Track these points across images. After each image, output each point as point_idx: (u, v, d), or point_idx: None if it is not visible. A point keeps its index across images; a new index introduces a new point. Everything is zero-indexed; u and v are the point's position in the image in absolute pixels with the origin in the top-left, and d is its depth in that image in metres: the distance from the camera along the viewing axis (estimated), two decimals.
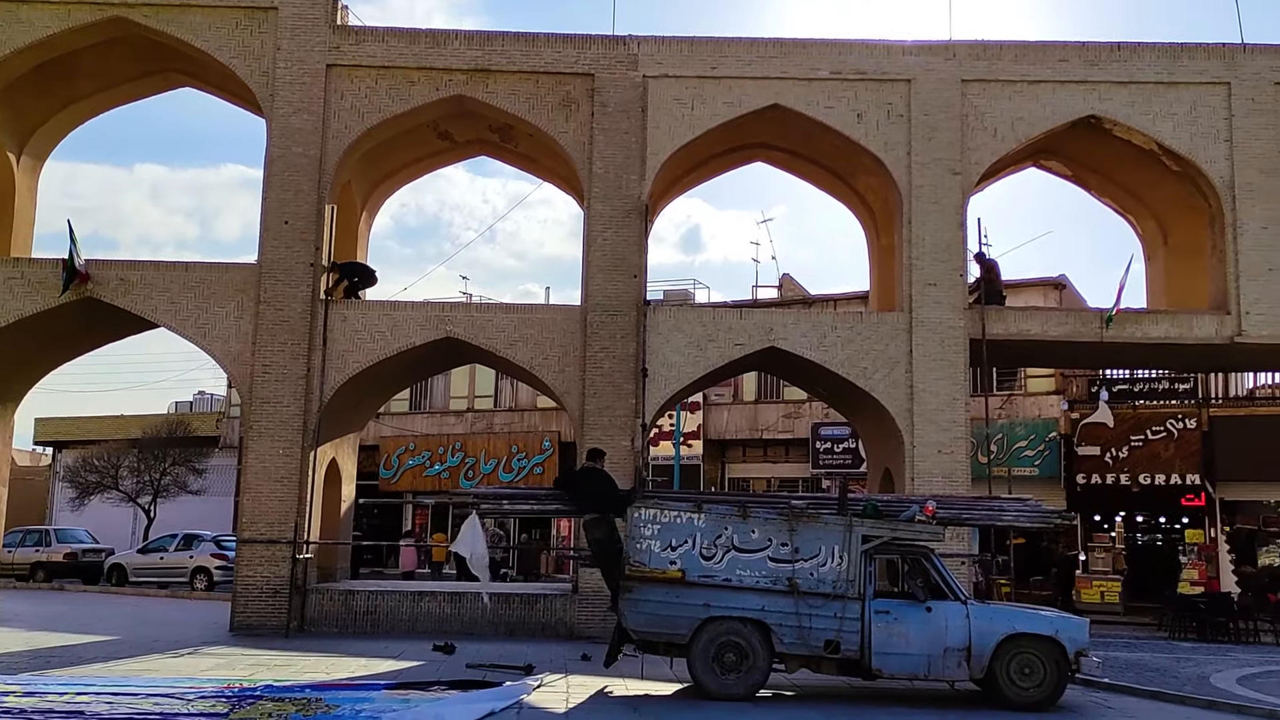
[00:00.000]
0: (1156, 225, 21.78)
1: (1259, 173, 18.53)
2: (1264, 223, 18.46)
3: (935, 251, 18.47)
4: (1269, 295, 18.39)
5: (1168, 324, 18.93)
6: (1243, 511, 27.45)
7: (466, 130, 20.48)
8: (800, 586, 11.64)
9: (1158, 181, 20.40)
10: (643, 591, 11.72)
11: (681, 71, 18.64)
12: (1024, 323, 19.07)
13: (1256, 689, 13.16)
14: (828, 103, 18.66)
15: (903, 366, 18.24)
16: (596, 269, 18.32)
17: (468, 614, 17.41)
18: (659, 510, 11.98)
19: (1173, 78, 18.78)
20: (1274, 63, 18.77)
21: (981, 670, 11.55)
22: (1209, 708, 11.94)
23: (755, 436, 32.42)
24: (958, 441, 18.04)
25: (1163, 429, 26.92)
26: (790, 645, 11.61)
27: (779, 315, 19.39)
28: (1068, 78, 18.77)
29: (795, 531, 11.84)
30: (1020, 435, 27.91)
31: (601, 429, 17.63)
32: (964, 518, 13.51)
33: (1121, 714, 11.54)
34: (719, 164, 21.23)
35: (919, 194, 18.54)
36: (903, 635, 11.60)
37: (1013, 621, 11.78)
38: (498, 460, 33.59)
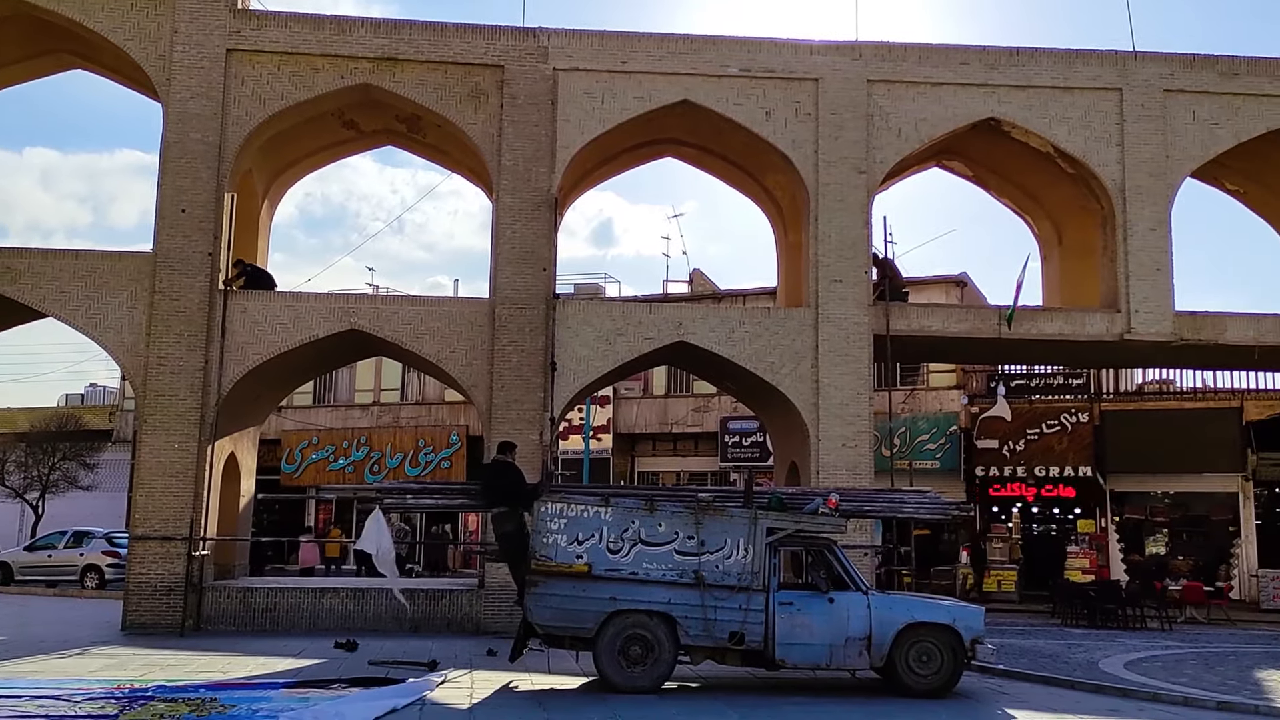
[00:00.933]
0: (1052, 225, 22.49)
1: (1148, 176, 19.25)
2: (1152, 224, 19.19)
3: (841, 249, 18.77)
4: (1156, 294, 19.13)
5: (1062, 321, 19.56)
6: (1131, 502, 28.55)
7: (373, 120, 20.13)
8: (706, 579, 11.71)
9: (1053, 183, 21.06)
10: (549, 586, 11.67)
11: (592, 65, 18.60)
12: (926, 319, 19.51)
13: (1142, 673, 13.69)
14: (737, 100, 18.81)
15: (809, 361, 18.51)
16: (505, 262, 18.18)
17: (371, 610, 17.14)
18: (565, 504, 11.94)
19: (1068, 83, 19.39)
20: (1163, 70, 19.51)
21: (882, 659, 11.78)
22: (1097, 691, 12.37)
23: (665, 430, 32.57)
24: (862, 435, 18.37)
25: (1057, 423, 27.83)
26: (696, 637, 11.68)
27: (688, 310, 19.53)
28: (969, 80, 19.24)
29: (701, 525, 11.92)
30: (923, 429, 28.57)
31: (510, 423, 17.51)
32: (866, 510, 13.80)
33: (1014, 699, 11.88)
34: (630, 158, 21.25)
35: (826, 192, 18.81)
36: (806, 626, 11.76)
37: (912, 611, 12.04)
38: (404, 454, 33.11)
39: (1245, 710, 11.27)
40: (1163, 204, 19.28)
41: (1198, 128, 19.47)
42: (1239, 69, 19.57)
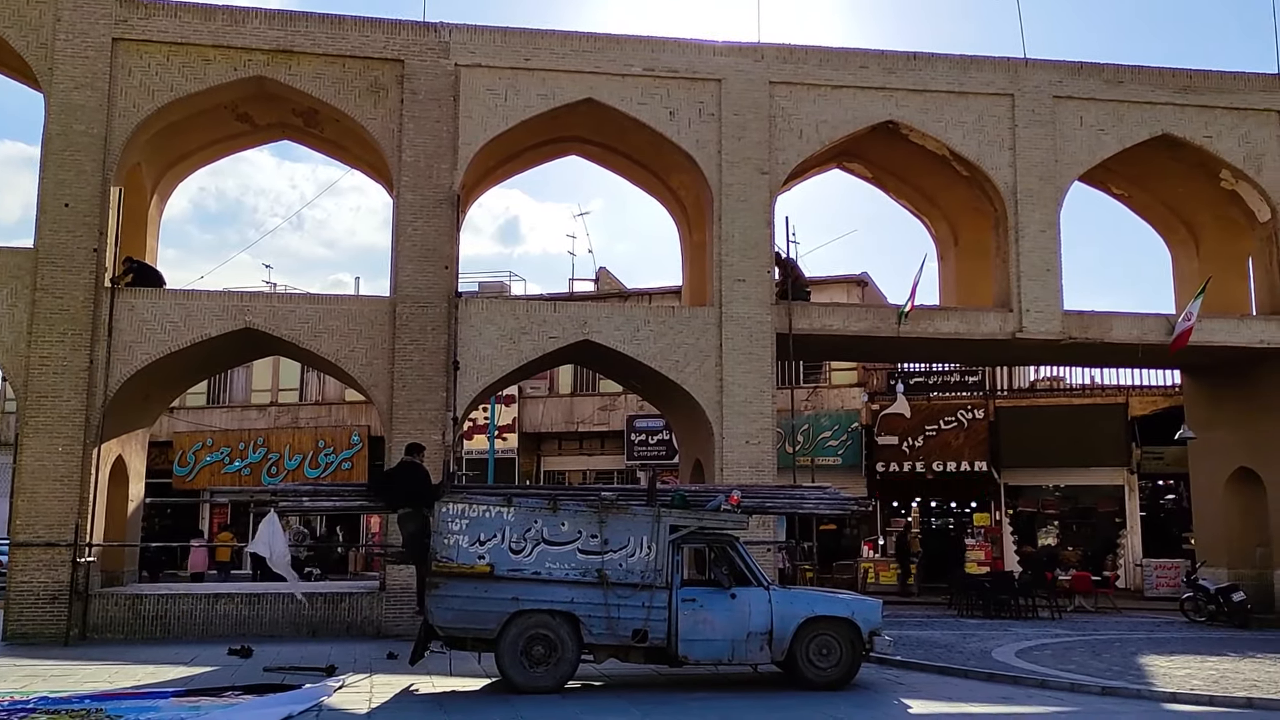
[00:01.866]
0: (949, 227, 23.04)
1: (1038, 180, 19.85)
2: (1042, 226, 19.80)
3: (744, 248, 18.94)
4: (1046, 294, 19.74)
5: (957, 320, 20.04)
6: (1024, 496, 29.48)
7: (268, 113, 19.62)
8: (609, 577, 11.70)
9: (950, 185, 21.58)
10: (450, 587, 11.53)
11: (494, 61, 18.43)
12: (827, 318, 19.80)
13: (1032, 660, 14.13)
14: (641, 99, 18.84)
15: (713, 360, 18.63)
16: (406, 259, 17.90)
17: (267, 616, 16.70)
18: (467, 505, 11.81)
19: (963, 88, 19.87)
20: (1052, 77, 20.14)
21: (783, 653, 11.94)
22: (989, 680, 12.73)
23: (571, 429, 32.50)
24: (765, 433, 18.56)
25: (954, 419, 28.57)
26: (599, 636, 11.66)
27: (593, 309, 19.47)
28: (868, 84, 19.59)
29: (605, 523, 11.91)
30: (825, 426, 29.04)
31: (412, 423, 17.24)
32: (767, 506, 13.95)
33: (910, 689, 12.15)
34: (534, 156, 21.11)
35: (729, 192, 18.96)
36: (708, 622, 11.84)
37: (812, 605, 12.22)
38: (303, 455, 32.38)
39: (1128, 695, 11.71)
40: (1052, 207, 19.90)
41: (1085, 133, 20.15)
42: (1123, 77, 20.30)
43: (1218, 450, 22.39)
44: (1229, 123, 20.39)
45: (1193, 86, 20.33)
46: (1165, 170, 21.75)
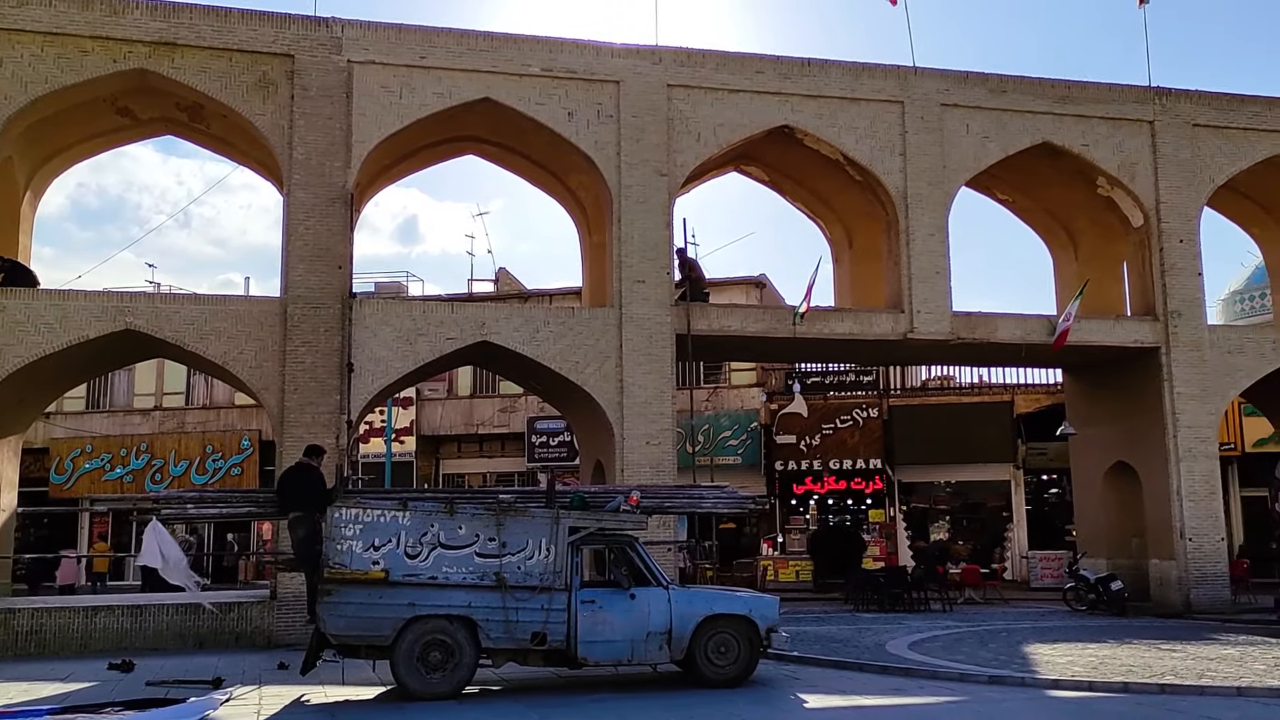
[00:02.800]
0: (843, 229, 23.50)
1: (928, 185, 20.38)
2: (931, 230, 20.33)
3: (644, 250, 19.01)
4: (935, 296, 20.28)
5: (851, 321, 20.45)
6: (917, 492, 30.26)
7: (150, 107, 18.93)
8: (508, 580, 11.58)
9: (844, 189, 22.01)
10: (343, 594, 11.26)
11: (389, 59, 18.12)
12: (726, 319, 20.00)
13: (924, 652, 14.47)
14: (539, 99, 18.75)
15: (613, 361, 18.64)
16: (298, 259, 17.47)
17: (151, 628, 16.07)
18: (361, 510, 11.56)
19: (855, 94, 20.29)
20: (940, 85, 20.70)
21: (682, 651, 11.98)
22: (882, 672, 13.00)
23: (471, 431, 32.17)
24: (665, 433, 18.65)
25: (850, 418, 29.17)
26: (497, 640, 11.53)
27: (492, 309, 19.29)
28: (764, 89, 19.84)
29: (503, 526, 11.78)
30: (725, 426, 29.34)
31: (304, 426, 16.83)
32: (666, 506, 13.99)
33: (807, 683, 12.33)
34: (430, 155, 20.84)
35: (628, 193, 19.01)
36: (608, 623, 11.81)
37: (711, 603, 12.30)
38: (190, 461, 31.36)
39: (1013, 683, 12.09)
40: (941, 211, 20.46)
41: (971, 140, 20.76)
42: (1007, 86, 20.98)
43: (1096, 445, 23.31)
44: (1104, 132, 21.25)
45: (1071, 97, 21.13)
46: (1046, 177, 22.57)
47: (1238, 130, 21.76)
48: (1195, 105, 21.64)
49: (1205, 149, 21.59)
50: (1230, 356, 21.40)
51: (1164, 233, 21.25)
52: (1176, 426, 20.85)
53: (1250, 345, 21.71)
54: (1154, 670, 12.64)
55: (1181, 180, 21.35)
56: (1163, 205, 21.26)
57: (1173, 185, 21.31)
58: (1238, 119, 21.76)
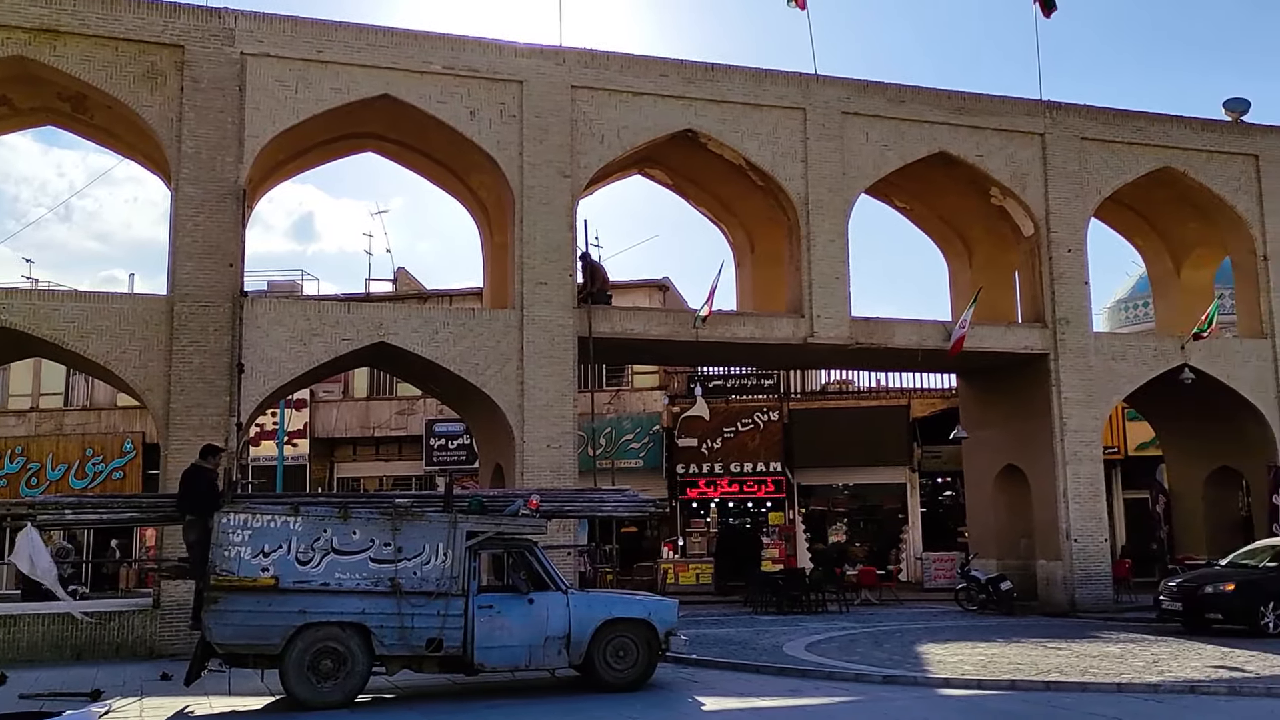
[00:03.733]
0: (745, 234, 23.71)
1: (828, 191, 20.68)
2: (832, 236, 20.63)
3: (546, 251, 18.87)
4: (835, 301, 20.58)
5: (753, 325, 20.62)
6: (816, 494, 30.70)
7: (30, 96, 18.09)
8: (403, 586, 11.34)
9: (746, 194, 22.20)
10: (231, 601, 10.88)
11: (284, 52, 17.64)
12: (628, 322, 19.98)
13: (820, 653, 14.65)
14: (440, 97, 18.47)
15: (514, 363, 18.46)
16: (186, 256, 16.87)
17: (26, 638, 15.27)
18: (250, 515, 11.20)
19: (758, 100, 20.48)
20: (841, 94, 21.03)
21: (580, 656, 11.89)
22: (779, 674, 13.11)
23: (367, 434, 31.55)
24: (566, 436, 18.54)
25: (751, 421, 29.45)
26: (391, 647, 11.28)
27: (389, 310, 18.91)
28: (668, 92, 19.89)
29: (399, 530, 11.54)
30: (627, 429, 29.34)
31: (191, 429, 16.25)
32: (566, 510, 13.91)
33: (705, 686, 12.36)
34: (327, 151, 20.37)
35: (530, 194, 18.86)
36: (505, 628, 11.66)
37: (610, 607, 12.23)
38: (69, 465, 30.06)
39: (906, 682, 12.31)
40: (841, 217, 20.77)
41: (870, 148, 21.14)
42: (905, 96, 21.43)
43: (988, 448, 23.95)
44: (998, 143, 21.86)
45: (966, 108, 21.68)
46: (942, 186, 23.12)
47: (1123, 144, 22.60)
48: (1083, 119, 22.41)
49: (1092, 162, 22.37)
50: (1114, 363, 22.20)
51: (1053, 242, 21.94)
52: (1063, 430, 21.53)
53: (1133, 352, 22.56)
54: (1040, 668, 13.00)
55: (1070, 191, 22.08)
56: (1052, 215, 21.95)
57: (1062, 196, 22.02)
58: (1123, 133, 22.60)
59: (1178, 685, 11.66)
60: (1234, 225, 23.40)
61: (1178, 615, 17.34)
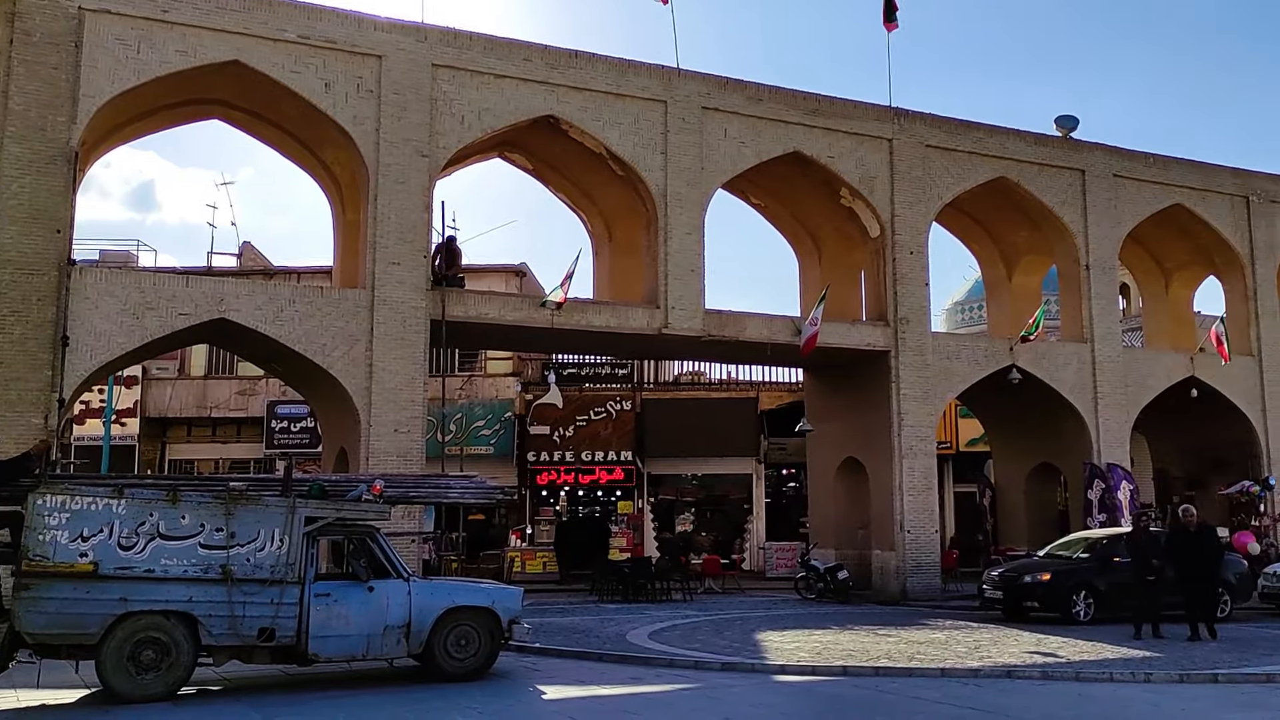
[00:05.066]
0: (604, 223, 23.76)
1: (686, 185, 20.91)
2: (689, 229, 20.87)
3: (401, 231, 18.48)
4: (689, 293, 20.84)
5: (608, 314, 20.69)
6: (665, 484, 31.08)
7: None
8: (235, 573, 10.91)
9: (606, 183, 22.24)
10: (43, 589, 10.24)
11: (126, 9, 16.73)
12: (483, 306, 19.76)
13: (663, 642, 14.83)
14: (294, 67, 17.85)
15: (363, 345, 18.03)
16: (9, 220, 15.83)
17: None
18: (69, 496, 10.56)
19: (620, 90, 20.53)
20: (701, 89, 21.28)
21: (420, 645, 11.69)
22: (621, 662, 13.21)
23: (203, 415, 30.25)
24: (415, 421, 18.23)
25: (604, 410, 29.58)
26: (220, 637, 10.84)
27: (231, 285, 18.15)
28: (531, 77, 19.74)
29: (232, 515, 11.09)
30: (479, 415, 29.05)
31: (8, 405, 15.29)
32: (411, 496, 13.63)
33: (546, 675, 12.35)
34: (170, 116, 19.43)
35: (386, 172, 18.43)
36: (343, 617, 11.36)
37: (452, 596, 12.07)
38: None
39: (744, 669, 12.59)
40: (698, 211, 21.04)
41: (728, 144, 21.47)
42: (763, 95, 21.83)
43: (830, 442, 24.72)
44: (849, 146, 22.52)
45: (820, 110, 22.26)
46: (796, 185, 23.68)
47: (964, 153, 23.62)
48: (928, 127, 23.30)
49: (935, 168, 23.29)
50: (949, 362, 23.21)
51: (897, 244, 22.76)
52: (901, 425, 22.40)
53: (966, 352, 23.63)
54: (870, 654, 13.50)
55: (914, 196, 22.94)
56: (897, 218, 22.76)
57: (906, 200, 22.86)
58: (964, 143, 23.62)
59: (996, 670, 12.28)
60: (1061, 235, 24.76)
61: (999, 604, 18.29)
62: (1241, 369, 26.01)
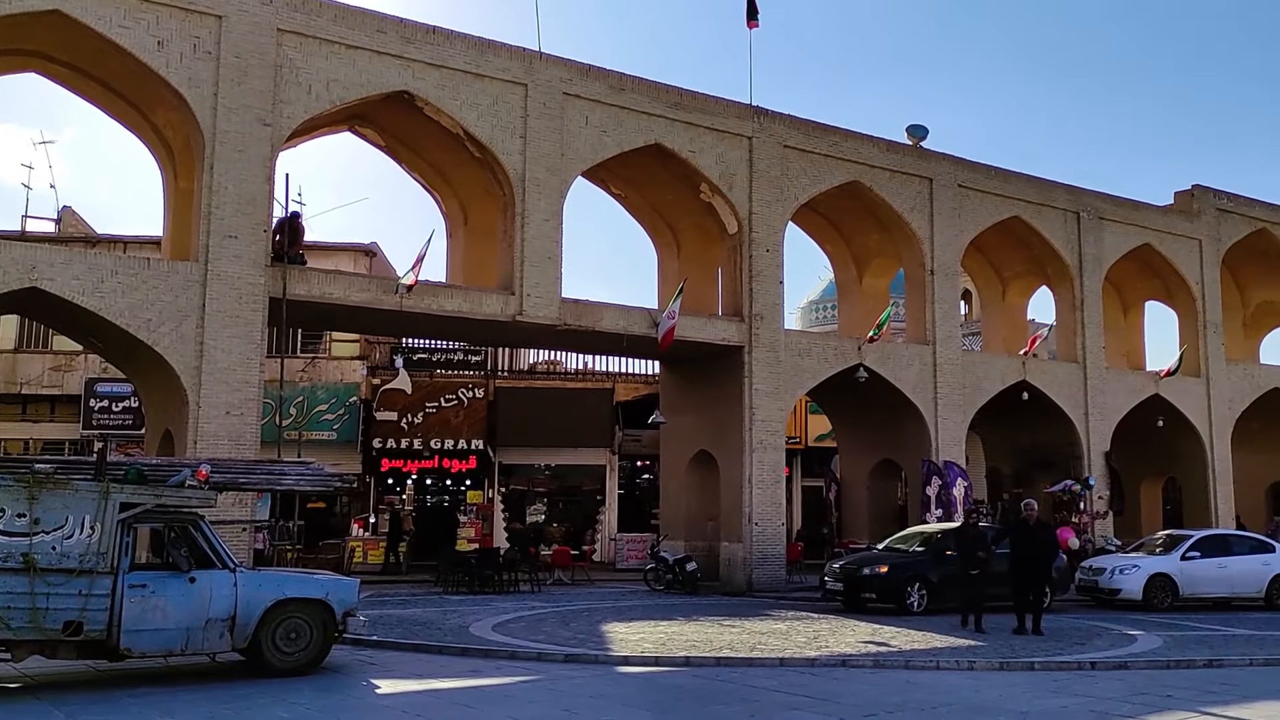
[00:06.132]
0: (459, 205, 23.17)
1: (546, 171, 20.54)
2: (546, 215, 20.51)
3: (239, 202, 17.53)
4: (546, 280, 20.49)
5: (461, 299, 20.15)
6: (517, 474, 30.66)
7: None
8: (38, 563, 10.05)
9: (463, 164, 21.67)
10: None
11: None
12: (328, 286, 18.93)
13: (507, 633, 14.49)
14: (124, 21, 16.69)
15: (194, 321, 17.03)
16: None
17: None
18: None
19: (480, 70, 19.99)
20: (563, 74, 20.93)
21: (246, 639, 11.04)
22: (462, 654, 12.82)
23: (12, 391, 28.11)
24: (249, 403, 17.34)
25: (455, 397, 28.94)
26: (20, 630, 9.96)
27: (46, 252, 16.77)
28: (385, 50, 19.02)
29: (37, 500, 10.22)
30: (322, 399, 27.99)
31: None
32: (241, 482, 12.86)
33: (383, 668, 11.86)
34: None
35: (224, 140, 17.45)
36: (160, 609, 10.61)
37: (282, 587, 11.45)
38: None
39: (587, 661, 12.38)
40: (557, 198, 20.69)
41: (589, 132, 21.19)
42: (626, 85, 21.64)
43: (684, 434, 24.79)
44: (709, 141, 22.56)
45: (683, 104, 22.21)
46: (656, 177, 23.62)
47: (820, 156, 23.98)
48: (787, 128, 23.56)
49: (793, 169, 23.58)
50: (800, 359, 23.55)
51: (754, 241, 22.94)
52: (752, 420, 22.60)
53: (816, 350, 24.03)
54: (713, 645, 13.49)
55: (771, 195, 23.16)
56: (754, 216, 22.94)
57: (764, 199, 23.06)
58: (820, 145, 23.98)
59: (831, 659, 12.44)
60: (908, 240, 25.45)
61: (839, 595, 18.65)
62: (1067, 375, 27.33)
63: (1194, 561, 20.15)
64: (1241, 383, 30.68)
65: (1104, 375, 27.86)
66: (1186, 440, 29.51)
